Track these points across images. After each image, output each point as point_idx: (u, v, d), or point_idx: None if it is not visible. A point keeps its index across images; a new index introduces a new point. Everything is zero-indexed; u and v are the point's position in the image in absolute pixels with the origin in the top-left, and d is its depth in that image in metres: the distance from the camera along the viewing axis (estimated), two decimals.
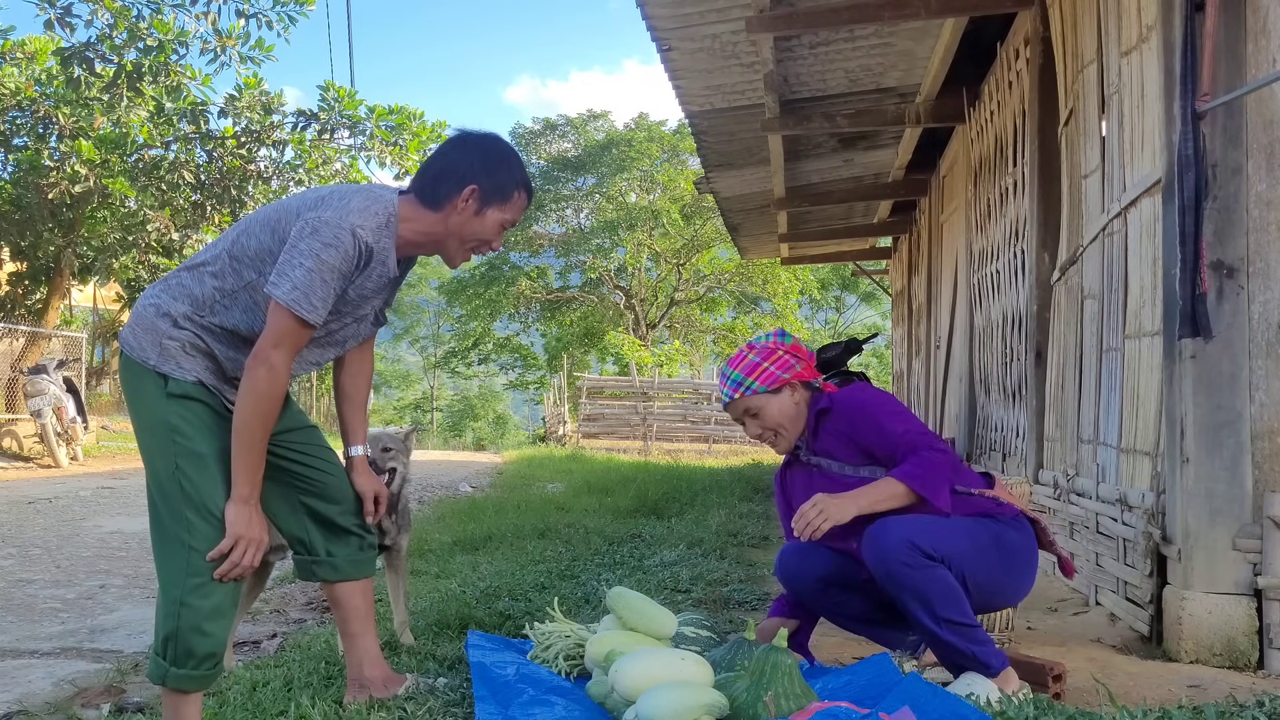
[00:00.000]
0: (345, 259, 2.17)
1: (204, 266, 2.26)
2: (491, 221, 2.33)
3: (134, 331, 2.23)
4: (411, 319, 46.18)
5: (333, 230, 2.15)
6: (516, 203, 2.35)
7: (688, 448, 20.01)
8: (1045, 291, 5.09)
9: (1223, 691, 2.50)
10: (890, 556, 2.39)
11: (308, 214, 2.19)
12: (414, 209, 2.31)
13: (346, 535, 2.46)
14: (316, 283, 2.14)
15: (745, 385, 2.67)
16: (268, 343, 2.15)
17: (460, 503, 8.06)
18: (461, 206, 2.29)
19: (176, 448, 2.16)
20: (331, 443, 2.52)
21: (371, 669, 2.47)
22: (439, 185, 2.30)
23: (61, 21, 10.96)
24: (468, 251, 2.37)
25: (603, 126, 33.84)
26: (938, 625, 2.39)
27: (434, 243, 2.34)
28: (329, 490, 2.44)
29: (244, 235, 2.26)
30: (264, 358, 2.14)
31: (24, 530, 6.36)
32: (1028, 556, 2.55)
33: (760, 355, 2.69)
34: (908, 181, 9.37)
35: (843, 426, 2.63)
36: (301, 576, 2.53)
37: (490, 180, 2.30)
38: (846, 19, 5.26)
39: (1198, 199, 2.89)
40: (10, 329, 13.64)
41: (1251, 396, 2.97)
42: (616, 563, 4.54)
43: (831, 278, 34.14)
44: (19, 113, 12.58)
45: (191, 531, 2.12)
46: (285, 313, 2.13)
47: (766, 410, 2.67)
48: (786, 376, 2.66)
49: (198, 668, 2.12)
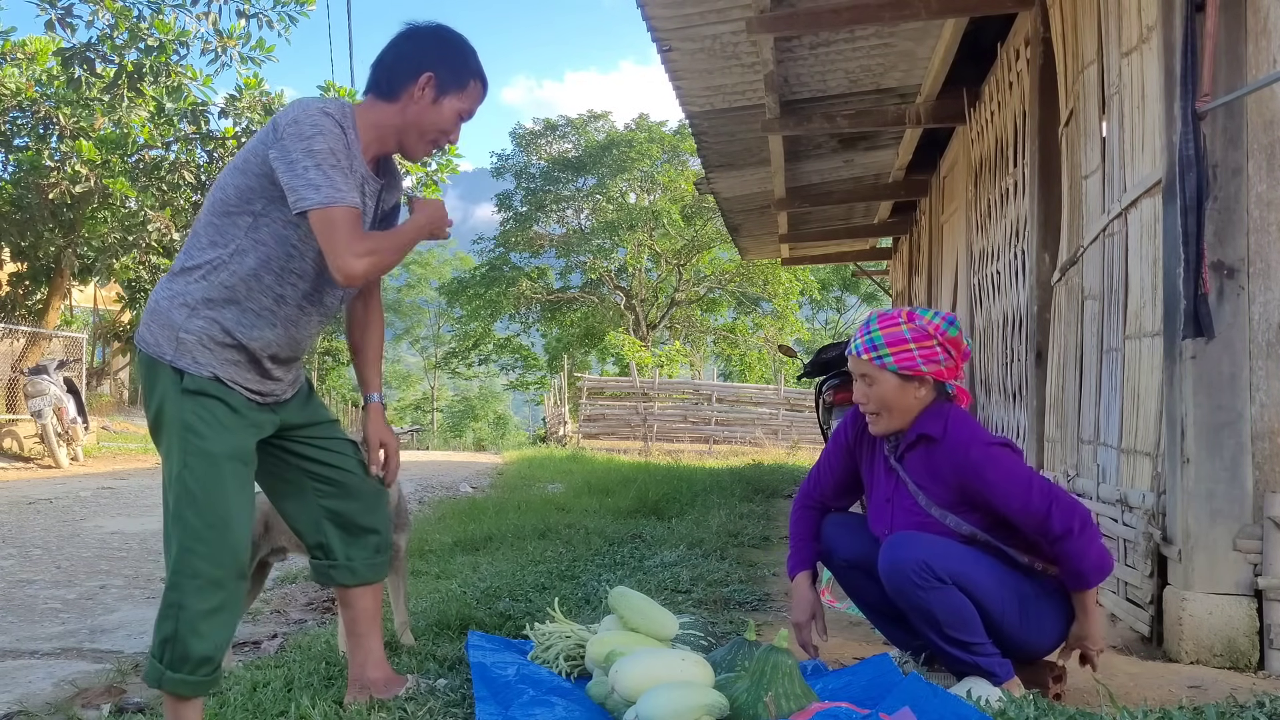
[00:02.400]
0: (334, 137, 2.14)
1: (196, 251, 2.22)
2: (449, 110, 2.31)
3: (148, 328, 2.21)
4: (412, 319, 46.25)
5: (307, 119, 2.13)
6: (473, 92, 2.34)
7: (688, 448, 19.99)
8: (1046, 292, 5.08)
9: (1223, 692, 2.49)
10: (902, 572, 2.38)
11: (273, 136, 2.15)
12: (370, 105, 2.30)
13: (365, 536, 2.45)
14: (330, 170, 2.11)
15: (880, 355, 2.50)
16: (338, 253, 2.11)
17: (461, 503, 8.05)
18: (418, 95, 2.27)
19: (187, 446, 2.14)
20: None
21: (374, 670, 2.47)
22: (394, 75, 2.28)
23: (62, 22, 10.98)
24: (428, 144, 2.35)
25: (603, 127, 33.86)
26: (943, 640, 2.39)
27: (394, 136, 2.31)
28: (349, 487, 2.42)
29: (218, 191, 2.22)
30: (345, 268, 2.12)
31: (24, 531, 6.37)
32: (1053, 618, 2.47)
33: (914, 334, 2.50)
34: (908, 182, 9.37)
35: (944, 468, 2.47)
36: (318, 581, 2.51)
37: (446, 68, 2.29)
38: (847, 20, 5.25)
39: (1198, 199, 2.89)
40: (10, 329, 13.64)
41: (1252, 397, 2.97)
42: (617, 563, 4.54)
43: (832, 278, 34.16)
44: (20, 113, 12.59)
45: (189, 532, 2.11)
46: (327, 213, 2.10)
47: (884, 389, 2.52)
48: (925, 370, 2.49)
49: (193, 672, 2.10)
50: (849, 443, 2.75)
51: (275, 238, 2.20)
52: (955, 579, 2.36)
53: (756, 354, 33.29)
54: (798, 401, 22.12)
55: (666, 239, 32.12)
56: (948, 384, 2.56)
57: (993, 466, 2.41)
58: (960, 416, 2.53)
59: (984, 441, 2.45)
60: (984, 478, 2.41)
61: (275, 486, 2.42)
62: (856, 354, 2.56)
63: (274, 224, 2.19)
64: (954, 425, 2.49)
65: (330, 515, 2.41)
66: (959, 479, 2.45)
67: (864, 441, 2.72)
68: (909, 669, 2.63)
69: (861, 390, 2.57)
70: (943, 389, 2.56)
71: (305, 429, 2.37)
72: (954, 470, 2.45)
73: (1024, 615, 2.43)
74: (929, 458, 2.51)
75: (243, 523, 2.20)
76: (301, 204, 2.10)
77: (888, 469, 2.64)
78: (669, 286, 33.69)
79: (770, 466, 11.33)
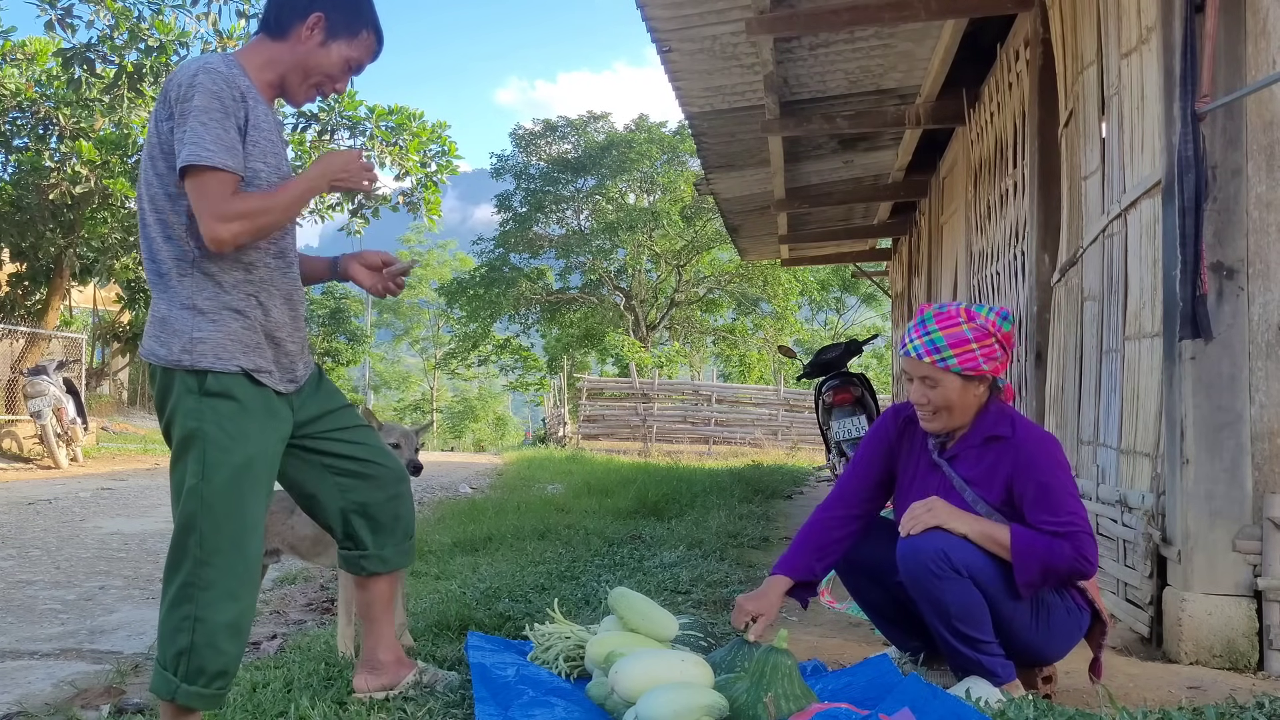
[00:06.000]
0: (216, 94, 2.07)
1: (160, 254, 2.16)
2: (337, 56, 2.26)
3: (157, 340, 2.15)
4: (411, 320, 46.24)
5: (186, 81, 2.08)
6: (364, 42, 2.30)
7: (688, 449, 19.99)
8: (1045, 293, 5.09)
9: (1223, 693, 2.50)
10: (920, 560, 2.37)
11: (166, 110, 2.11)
12: (259, 43, 2.27)
13: (393, 524, 2.44)
14: (208, 127, 2.04)
15: (944, 357, 2.44)
16: (201, 219, 2.04)
17: (460, 504, 8.06)
18: (306, 35, 2.23)
19: (205, 458, 2.10)
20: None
21: (386, 652, 2.48)
22: (283, 13, 2.25)
23: (62, 23, 10.99)
24: (311, 89, 2.30)
25: (603, 128, 33.84)
26: (950, 634, 2.39)
27: (280, 77, 2.26)
28: (372, 477, 2.40)
29: (149, 188, 2.16)
30: (210, 233, 2.04)
31: (24, 531, 6.36)
32: (1064, 634, 2.47)
33: (975, 333, 2.44)
34: (908, 183, 9.37)
35: (1004, 465, 2.45)
36: (350, 570, 2.48)
37: (338, 12, 2.25)
38: (847, 20, 5.25)
39: (1198, 200, 2.89)
40: (10, 330, 13.64)
41: (1251, 398, 2.97)
42: (616, 564, 4.54)
43: (832, 279, 34.14)
44: (20, 114, 12.60)
45: (206, 545, 2.09)
46: (193, 176, 2.03)
47: (948, 391, 2.46)
48: (986, 368, 2.45)
49: (208, 685, 2.09)
50: (890, 442, 2.69)
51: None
52: (971, 573, 2.35)
53: (756, 355, 33.29)
54: (797, 402, 22.12)
55: (666, 240, 32.12)
56: (998, 380, 2.55)
57: (1050, 470, 2.41)
58: (1025, 419, 2.54)
59: (1055, 449, 2.47)
60: (1036, 475, 2.40)
61: (298, 486, 2.40)
62: (917, 356, 2.47)
63: None
64: (1021, 425, 2.50)
65: (356, 508, 2.39)
66: (1012, 476, 2.44)
67: (907, 438, 2.68)
68: (908, 670, 2.64)
69: (921, 392, 2.50)
70: (995, 384, 2.55)
71: (321, 420, 2.35)
72: (1014, 467, 2.43)
73: (1036, 620, 2.43)
74: (987, 455, 2.49)
75: (258, 535, 2.20)
76: (178, 163, 2.04)
77: (930, 465, 2.60)
78: (669, 287, 33.68)
79: (770, 467, 11.34)
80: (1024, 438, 2.47)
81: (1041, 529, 2.36)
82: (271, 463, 2.23)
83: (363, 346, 32.37)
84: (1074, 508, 2.38)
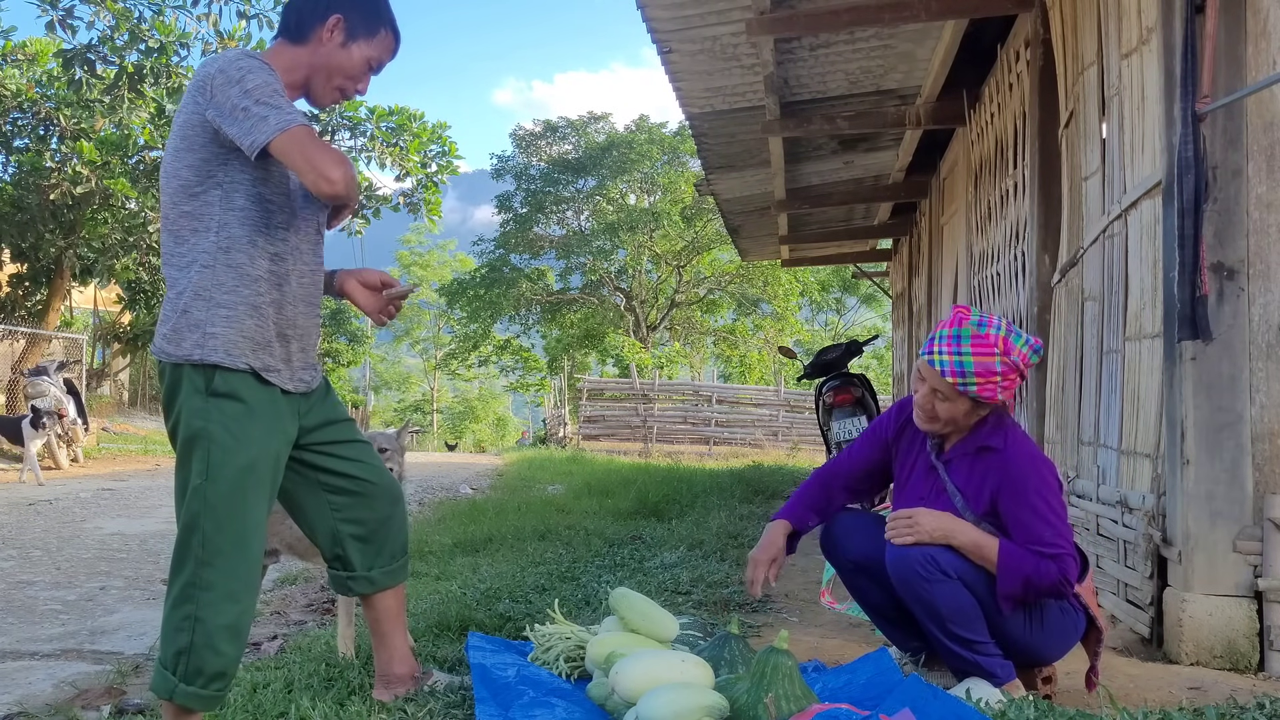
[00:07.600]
0: (264, 70, 2.09)
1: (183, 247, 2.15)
2: (358, 57, 2.28)
3: (167, 338, 2.15)
4: (411, 321, 46.21)
5: (232, 66, 2.08)
6: (383, 41, 2.31)
7: (688, 449, 19.99)
8: (1045, 293, 5.09)
9: (1223, 694, 2.50)
10: (908, 563, 2.39)
11: (204, 98, 2.09)
12: (281, 48, 2.28)
13: (383, 545, 2.43)
14: (270, 100, 2.04)
15: (967, 382, 2.42)
16: (317, 167, 2.02)
17: (460, 505, 8.06)
18: (327, 38, 2.25)
19: (210, 458, 2.10)
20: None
21: (400, 666, 2.48)
22: (303, 17, 2.26)
23: (63, 23, 10.99)
24: (335, 90, 2.31)
25: (603, 129, 33.83)
26: (946, 636, 2.40)
27: (304, 79, 2.27)
28: (366, 496, 2.39)
29: (173, 180, 2.15)
30: (329, 176, 2.02)
31: (24, 532, 6.37)
32: (1060, 633, 2.47)
33: (1004, 368, 2.41)
34: (908, 183, 9.37)
35: (992, 476, 2.47)
36: (337, 591, 2.50)
37: (356, 12, 2.27)
38: (847, 21, 5.26)
39: (1198, 201, 2.89)
40: (10, 331, 13.65)
41: (1252, 398, 2.97)
42: (617, 565, 4.54)
43: (832, 279, 34.15)
44: (20, 114, 12.62)
45: (208, 546, 2.09)
46: (288, 136, 2.02)
47: (956, 410, 2.48)
48: (1000, 399, 2.47)
49: (206, 686, 2.09)
50: (889, 437, 2.73)
51: (250, 199, 2.15)
52: (961, 575, 2.37)
53: (756, 355, 33.29)
54: (798, 403, 22.12)
55: (666, 240, 32.12)
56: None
57: (1039, 493, 2.42)
58: (1019, 431, 2.55)
59: (1042, 467, 2.47)
60: (1026, 498, 2.41)
61: (292, 499, 2.40)
62: (940, 372, 2.44)
63: (244, 186, 2.14)
64: (1013, 439, 2.50)
65: (348, 527, 2.38)
66: (998, 492, 2.45)
67: (905, 437, 2.70)
68: (908, 670, 2.64)
69: (929, 399, 2.50)
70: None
71: (322, 430, 2.34)
72: (1000, 484, 2.45)
73: (1030, 621, 2.43)
74: (978, 466, 2.51)
75: (260, 536, 2.20)
76: (257, 142, 2.02)
77: (928, 468, 2.62)
78: (669, 288, 33.68)
79: (770, 468, 11.33)
80: (1013, 455, 2.47)
81: (1027, 549, 2.38)
82: (276, 465, 2.23)
83: (363, 347, 32.40)
84: (1062, 531, 2.40)
